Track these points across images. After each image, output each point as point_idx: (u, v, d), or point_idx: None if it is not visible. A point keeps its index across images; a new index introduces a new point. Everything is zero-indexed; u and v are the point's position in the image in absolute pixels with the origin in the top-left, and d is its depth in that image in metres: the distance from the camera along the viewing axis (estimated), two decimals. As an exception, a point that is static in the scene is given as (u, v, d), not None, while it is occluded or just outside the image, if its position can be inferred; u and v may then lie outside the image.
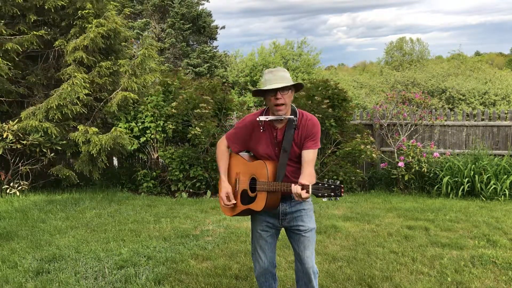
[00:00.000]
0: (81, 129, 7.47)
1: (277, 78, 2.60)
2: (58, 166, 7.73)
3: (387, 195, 7.68)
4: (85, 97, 7.52)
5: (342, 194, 2.37)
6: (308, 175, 2.58)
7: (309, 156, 2.66)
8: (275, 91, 2.59)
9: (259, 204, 2.69)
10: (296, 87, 2.71)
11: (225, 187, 2.85)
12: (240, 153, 2.92)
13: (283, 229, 2.95)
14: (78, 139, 7.38)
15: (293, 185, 2.48)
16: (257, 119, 2.71)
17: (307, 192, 2.42)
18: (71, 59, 7.65)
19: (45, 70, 8.33)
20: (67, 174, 7.60)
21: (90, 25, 7.66)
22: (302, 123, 2.69)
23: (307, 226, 2.80)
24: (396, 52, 41.62)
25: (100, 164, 7.68)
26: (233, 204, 2.82)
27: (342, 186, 2.36)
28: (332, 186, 2.36)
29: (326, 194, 2.37)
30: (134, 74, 8.09)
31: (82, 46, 7.63)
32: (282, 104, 2.61)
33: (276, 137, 2.72)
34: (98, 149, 7.33)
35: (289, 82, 2.61)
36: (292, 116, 2.67)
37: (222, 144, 2.94)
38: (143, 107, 8.17)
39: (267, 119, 2.68)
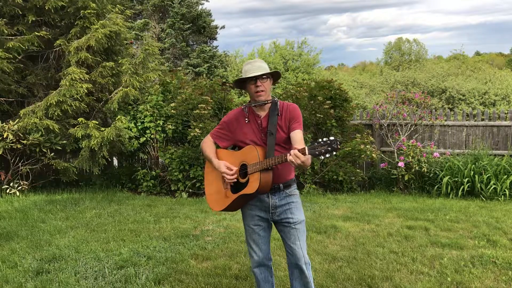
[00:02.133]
0: (82, 121, 7.45)
1: (255, 68, 2.81)
2: (57, 160, 7.70)
3: (387, 195, 7.68)
4: (86, 91, 7.51)
5: (339, 146, 2.44)
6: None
7: (298, 135, 2.79)
8: (255, 79, 2.80)
9: (252, 186, 2.73)
10: (274, 76, 2.93)
11: (221, 162, 2.89)
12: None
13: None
14: (77, 133, 7.37)
15: (288, 154, 2.53)
16: (242, 107, 2.90)
17: (304, 154, 2.48)
18: (74, 59, 7.64)
19: (45, 70, 8.33)
20: (66, 165, 7.58)
21: (94, 26, 7.65)
22: (284, 108, 2.88)
23: (296, 218, 2.87)
24: (394, 53, 41.66)
25: (101, 160, 7.67)
26: (235, 173, 2.82)
27: (338, 139, 2.43)
28: (328, 142, 2.44)
29: (323, 151, 2.43)
30: (136, 73, 8.09)
31: (85, 47, 7.62)
32: (262, 91, 2.81)
33: (261, 124, 2.87)
34: (99, 142, 7.31)
35: (267, 70, 2.84)
36: (275, 98, 2.88)
37: (207, 140, 3.04)
38: (143, 107, 8.17)
39: (251, 105, 2.87)
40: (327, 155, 2.43)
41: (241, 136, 2.91)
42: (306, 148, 2.48)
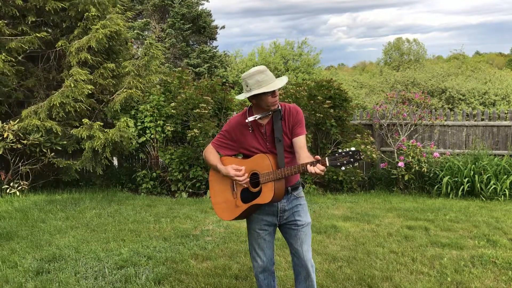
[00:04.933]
0: (86, 122, 7.45)
1: (271, 77, 2.72)
2: (58, 158, 7.70)
3: (387, 195, 7.68)
4: (89, 92, 7.52)
5: (362, 157, 2.43)
6: (307, 158, 2.67)
7: (302, 141, 2.77)
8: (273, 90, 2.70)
9: (266, 196, 2.69)
10: None
11: (228, 167, 2.79)
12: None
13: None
14: (81, 134, 7.37)
15: (307, 164, 2.54)
16: (246, 121, 2.78)
17: (325, 165, 2.50)
18: (75, 60, 7.64)
19: (45, 71, 8.33)
20: (68, 163, 7.59)
21: (95, 27, 7.67)
22: (286, 112, 2.81)
23: (304, 220, 2.86)
24: (394, 53, 41.60)
25: (104, 161, 7.67)
26: (245, 173, 2.75)
27: (360, 150, 2.44)
28: (350, 153, 2.45)
29: (345, 162, 2.45)
30: (139, 75, 8.09)
31: (86, 47, 7.63)
32: (277, 99, 2.77)
33: (265, 133, 2.80)
34: (102, 143, 7.31)
35: (279, 79, 2.78)
36: (279, 107, 2.80)
37: (210, 149, 2.94)
38: (143, 107, 8.17)
39: (256, 118, 2.77)
40: (349, 166, 2.45)
41: (245, 144, 2.84)
42: (327, 159, 2.50)
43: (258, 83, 2.68)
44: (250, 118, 2.76)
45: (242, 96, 2.78)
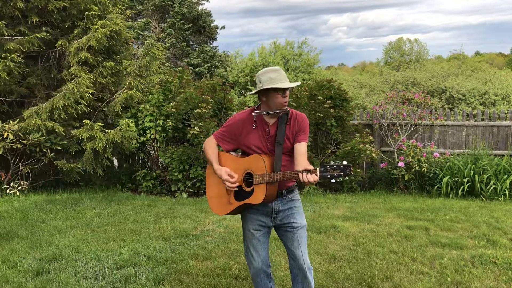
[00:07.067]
0: (86, 123, 7.45)
1: (283, 77, 2.74)
2: (61, 160, 7.71)
3: (387, 195, 7.68)
4: (91, 96, 7.53)
5: (352, 172, 2.46)
6: (305, 165, 2.68)
7: (302, 148, 2.78)
8: (284, 89, 2.73)
9: (258, 196, 2.72)
10: None
11: (222, 169, 2.84)
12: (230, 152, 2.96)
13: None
14: (82, 135, 7.37)
15: (299, 172, 2.56)
16: (253, 114, 2.81)
17: (316, 175, 2.51)
18: (75, 60, 7.65)
19: (46, 70, 8.33)
20: (72, 166, 7.60)
21: (95, 26, 7.68)
22: (292, 118, 2.83)
23: (299, 223, 2.87)
24: (394, 53, 41.58)
25: (105, 162, 7.68)
26: (236, 180, 2.79)
27: (351, 165, 2.45)
28: (341, 166, 2.47)
29: (335, 175, 2.47)
30: (140, 75, 8.10)
31: (86, 47, 7.64)
32: (287, 100, 2.79)
33: (268, 132, 2.82)
34: (103, 144, 7.32)
35: (292, 80, 2.73)
36: (288, 109, 2.82)
37: (210, 142, 2.96)
38: (143, 106, 8.17)
39: (263, 113, 2.79)
40: (339, 179, 2.48)
41: (245, 140, 2.85)
42: (318, 170, 2.52)
43: (270, 80, 2.72)
44: (257, 111, 2.81)
45: (254, 91, 2.83)
